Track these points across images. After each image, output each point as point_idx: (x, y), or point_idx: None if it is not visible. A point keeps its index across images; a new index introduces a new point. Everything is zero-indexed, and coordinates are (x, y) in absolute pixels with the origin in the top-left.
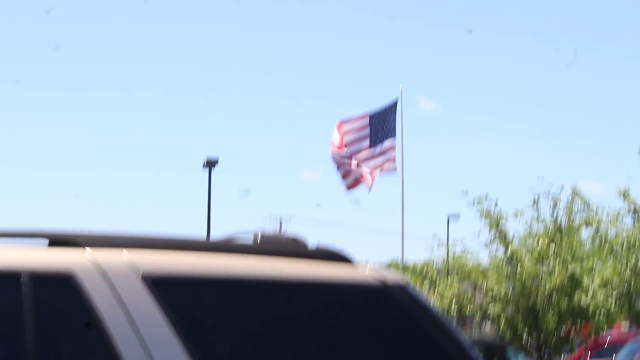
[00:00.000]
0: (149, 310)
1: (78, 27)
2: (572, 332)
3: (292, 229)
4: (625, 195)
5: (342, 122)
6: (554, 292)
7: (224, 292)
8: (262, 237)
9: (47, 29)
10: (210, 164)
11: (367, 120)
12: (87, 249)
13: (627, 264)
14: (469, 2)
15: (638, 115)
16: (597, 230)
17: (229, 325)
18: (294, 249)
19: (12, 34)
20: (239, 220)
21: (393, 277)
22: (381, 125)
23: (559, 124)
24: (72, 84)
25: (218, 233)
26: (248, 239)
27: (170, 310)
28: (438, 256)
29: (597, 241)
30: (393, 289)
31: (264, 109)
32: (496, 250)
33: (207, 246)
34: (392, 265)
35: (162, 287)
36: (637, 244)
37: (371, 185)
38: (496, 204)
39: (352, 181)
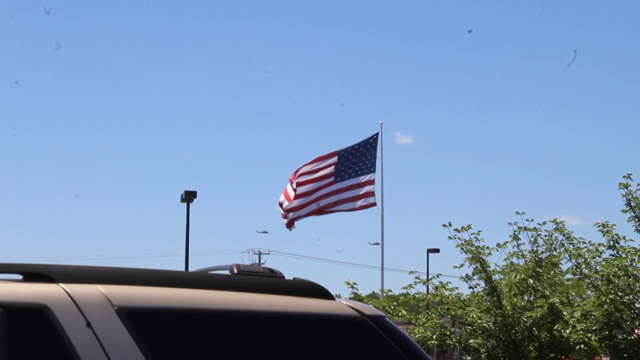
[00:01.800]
0: (124, 343)
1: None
2: None
3: (271, 263)
4: (604, 228)
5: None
6: (534, 325)
7: (201, 324)
8: (239, 269)
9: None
10: (189, 197)
11: (335, 158)
12: (61, 283)
13: (607, 298)
14: (434, 39)
15: (614, 153)
16: (577, 264)
17: (206, 358)
18: (271, 282)
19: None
20: (218, 253)
21: (369, 308)
22: (357, 160)
23: (537, 161)
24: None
25: (196, 266)
26: (225, 271)
27: (146, 343)
28: (418, 290)
29: (578, 274)
30: (369, 320)
31: (243, 143)
32: (477, 284)
33: (183, 279)
34: (368, 298)
35: (137, 320)
36: (617, 277)
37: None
38: (477, 237)
39: (290, 219)
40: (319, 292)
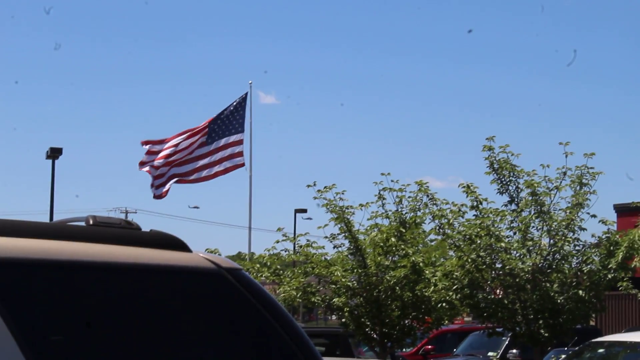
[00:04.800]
0: None
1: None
2: (415, 324)
3: (139, 222)
4: (467, 189)
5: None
6: (397, 285)
7: (55, 275)
8: (95, 220)
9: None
10: (54, 154)
11: (205, 124)
12: None
13: (468, 258)
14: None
15: (476, 114)
16: (440, 224)
17: (60, 309)
18: (127, 233)
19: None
20: (84, 211)
21: (226, 261)
22: (227, 121)
23: (402, 125)
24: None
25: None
26: (81, 223)
27: None
28: (284, 249)
29: (441, 235)
30: (226, 273)
31: (107, 102)
32: (342, 243)
33: (36, 230)
34: (237, 257)
35: None
36: (479, 237)
37: (215, 175)
38: (341, 198)
39: (163, 189)
40: (176, 244)
